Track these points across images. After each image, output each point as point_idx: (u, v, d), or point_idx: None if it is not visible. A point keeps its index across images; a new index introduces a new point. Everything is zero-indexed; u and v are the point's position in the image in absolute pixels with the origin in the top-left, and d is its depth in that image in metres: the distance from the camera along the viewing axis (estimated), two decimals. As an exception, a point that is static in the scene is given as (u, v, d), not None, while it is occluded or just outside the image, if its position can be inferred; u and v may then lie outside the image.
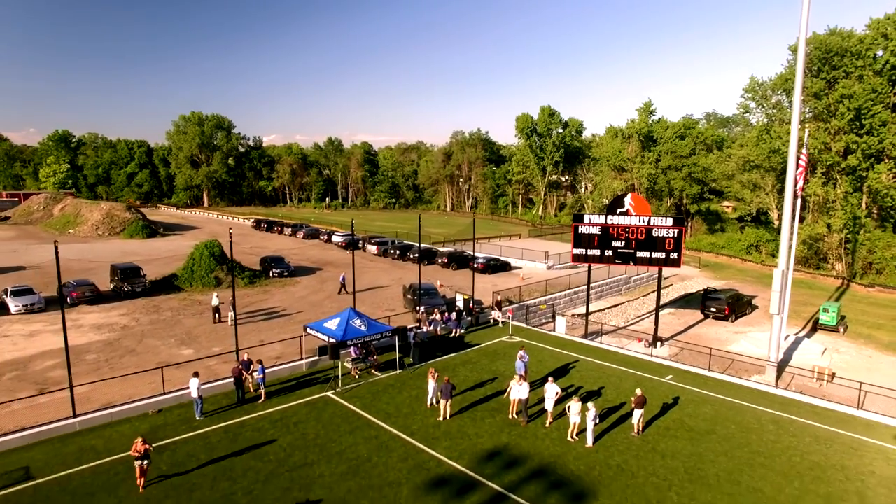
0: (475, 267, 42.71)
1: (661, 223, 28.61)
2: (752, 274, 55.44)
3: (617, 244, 29.41)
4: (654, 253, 28.76)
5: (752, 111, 61.59)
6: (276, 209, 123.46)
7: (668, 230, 28.38)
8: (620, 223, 29.21)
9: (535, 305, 35.60)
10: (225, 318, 30.63)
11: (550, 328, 32.46)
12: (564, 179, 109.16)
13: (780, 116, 56.58)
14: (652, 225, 28.65)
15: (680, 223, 28.69)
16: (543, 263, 49.96)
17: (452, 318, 29.78)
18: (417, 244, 55.89)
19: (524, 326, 32.30)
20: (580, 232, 30.00)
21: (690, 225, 78.31)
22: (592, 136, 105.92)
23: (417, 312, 30.82)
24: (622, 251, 29.38)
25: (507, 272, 48.05)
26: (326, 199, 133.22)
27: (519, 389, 19.60)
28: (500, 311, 32.29)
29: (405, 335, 25.38)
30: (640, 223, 28.87)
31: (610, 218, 29.49)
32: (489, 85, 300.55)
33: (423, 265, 48.77)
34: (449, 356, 26.60)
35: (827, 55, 49.72)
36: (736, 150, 62.38)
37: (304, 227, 71.43)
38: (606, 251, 29.63)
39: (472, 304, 32.51)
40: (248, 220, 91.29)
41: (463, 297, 32.63)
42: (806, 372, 25.89)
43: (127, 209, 74.26)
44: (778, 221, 57.52)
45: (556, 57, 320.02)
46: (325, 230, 69.89)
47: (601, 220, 29.76)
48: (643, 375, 24.55)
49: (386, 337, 24.05)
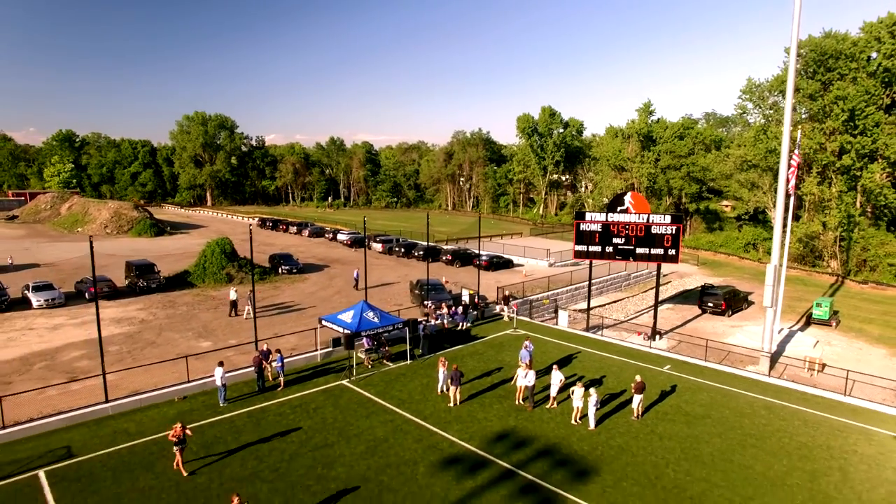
0: (479, 264, 43.87)
1: (659, 221, 29.80)
2: (749, 271, 56.62)
3: (617, 241, 30.59)
4: (652, 249, 29.94)
5: (749, 112, 62.82)
6: (278, 208, 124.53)
7: (666, 227, 29.57)
8: (620, 220, 30.40)
9: (538, 300, 36.78)
10: (241, 311, 31.80)
11: (553, 322, 33.65)
12: (565, 179, 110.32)
13: (776, 117, 57.73)
14: (651, 222, 29.83)
15: (678, 221, 29.88)
16: (545, 261, 51.14)
17: (459, 311, 30.97)
18: (420, 242, 57.29)
19: (528, 320, 33.48)
20: (582, 229, 31.19)
21: (689, 223, 79.52)
22: (593, 135, 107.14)
23: (425, 307, 32.01)
24: (622, 247, 30.56)
25: (509, 269, 49.25)
26: (329, 198, 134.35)
27: (525, 377, 20.81)
28: (507, 306, 33.33)
29: (416, 327, 26.57)
30: (639, 221, 30.05)
31: (610, 215, 30.67)
32: (489, 85, 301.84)
33: (428, 262, 50.11)
34: (456, 348, 27.79)
35: (822, 57, 50.94)
36: (734, 150, 63.58)
37: (309, 225, 72.61)
38: (607, 247, 30.81)
39: (477, 298, 33.70)
40: (252, 218, 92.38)
41: (468, 292, 33.84)
42: (798, 362, 27.08)
43: (134, 208, 75.41)
44: (783, 222, 58.71)
45: (556, 57, 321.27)
46: (329, 228, 71.05)
47: (602, 217, 30.94)
48: (643, 365, 25.72)
49: (397, 329, 25.23)
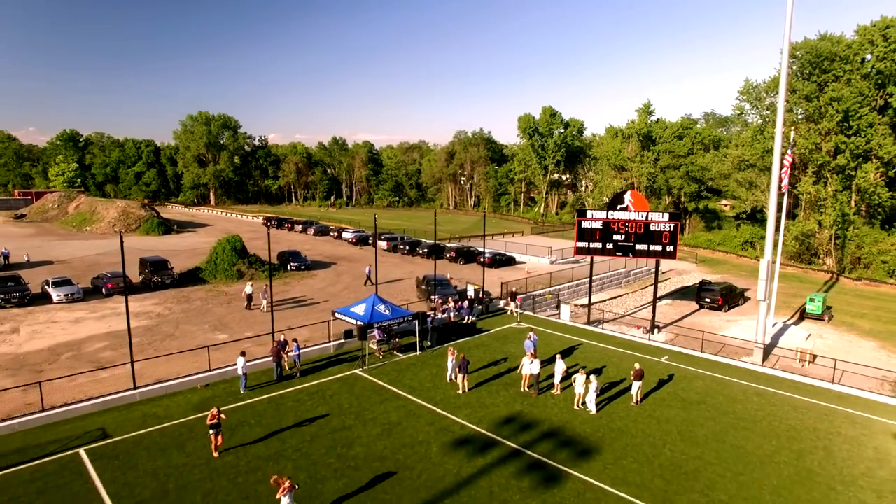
0: (483, 261, 44.99)
1: (658, 218, 30.98)
2: (746, 269, 57.79)
3: (617, 237, 31.77)
4: (651, 246, 31.12)
5: (746, 113, 64.01)
6: (281, 207, 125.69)
7: (664, 224, 30.75)
8: (621, 218, 31.58)
9: (540, 296, 37.97)
10: (258, 305, 33.02)
11: (556, 317, 34.84)
12: (565, 178, 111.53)
13: (773, 118, 58.65)
14: (649, 220, 31.02)
15: (675, 218, 31.06)
16: (547, 258, 52.34)
17: (465, 306, 32.15)
18: (424, 240, 58.52)
19: (531, 314, 34.67)
20: (584, 226, 32.38)
21: (688, 222, 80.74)
22: (593, 135, 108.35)
23: (432, 301, 33.21)
24: (622, 244, 31.75)
25: (512, 266, 50.44)
26: (331, 197, 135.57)
27: (530, 365, 22.00)
28: (514, 302, 34.14)
29: (425, 320, 27.76)
30: (638, 218, 31.24)
31: (611, 213, 31.85)
32: (490, 85, 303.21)
33: (433, 259, 51.31)
34: (463, 340, 28.97)
35: (817, 59, 52.14)
36: (732, 149, 64.81)
37: (314, 223, 73.78)
38: (608, 244, 31.99)
39: (481, 294, 34.89)
40: (257, 217, 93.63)
41: (474, 287, 35.04)
42: (790, 354, 28.28)
43: (142, 207, 76.57)
44: (778, 220, 59.85)
45: (557, 57, 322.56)
46: (334, 227, 72.22)
47: (603, 215, 32.12)
48: (641, 356, 26.85)
49: (407, 321, 26.42)
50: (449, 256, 51.96)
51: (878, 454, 17.87)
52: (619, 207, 31.78)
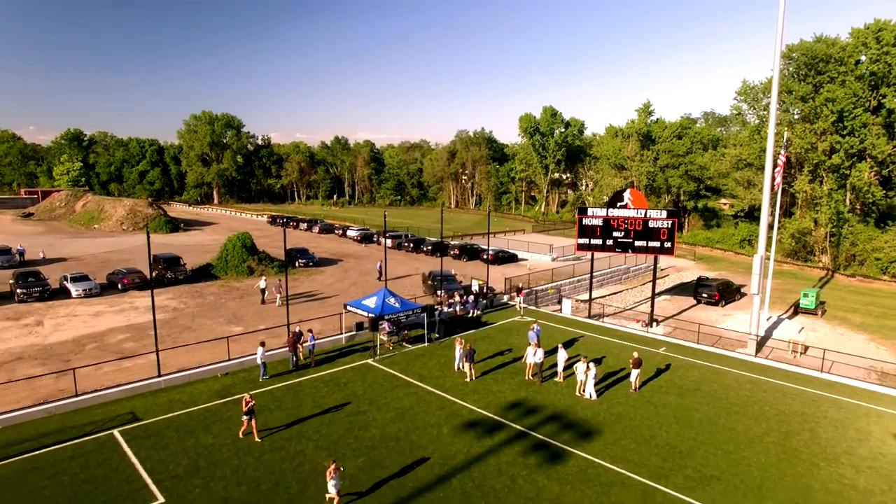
0: (487, 258, 46.26)
1: (656, 215, 32.14)
2: (744, 266, 58.88)
3: (617, 234, 32.95)
4: (650, 242, 32.29)
5: (744, 113, 65.18)
6: (284, 206, 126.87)
7: (662, 222, 31.91)
8: (620, 216, 32.75)
9: (543, 291, 39.16)
10: (272, 299, 34.25)
11: (557, 311, 36.05)
12: (566, 177, 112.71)
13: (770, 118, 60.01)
14: (648, 217, 32.18)
15: (673, 216, 32.22)
16: (548, 255, 53.54)
17: (470, 300, 33.36)
18: (428, 238, 59.77)
19: (533, 308, 35.88)
20: (585, 223, 33.56)
21: (688, 221, 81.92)
22: (593, 134, 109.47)
23: (438, 296, 34.40)
24: (622, 241, 32.91)
25: (514, 263, 51.64)
26: (334, 196, 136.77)
27: (534, 354, 23.21)
28: (520, 297, 35.18)
29: (433, 313, 28.96)
30: (637, 216, 32.40)
31: (611, 211, 33.02)
32: (489, 84, 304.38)
33: (436, 256, 52.60)
34: (468, 332, 30.14)
35: (812, 61, 53.30)
36: (730, 149, 65.97)
37: (319, 222, 74.95)
38: (608, 240, 33.16)
39: (485, 289, 36.11)
40: (261, 216, 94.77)
41: (478, 282, 36.24)
42: (783, 345, 29.46)
43: (149, 205, 77.75)
44: (771, 217, 61.05)
45: (557, 57, 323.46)
46: (339, 225, 73.40)
47: (603, 213, 33.29)
48: (640, 348, 27.93)
49: (416, 314, 27.63)
50: (452, 254, 53.15)
51: (859, 435, 19.11)
52: (618, 205, 32.94)
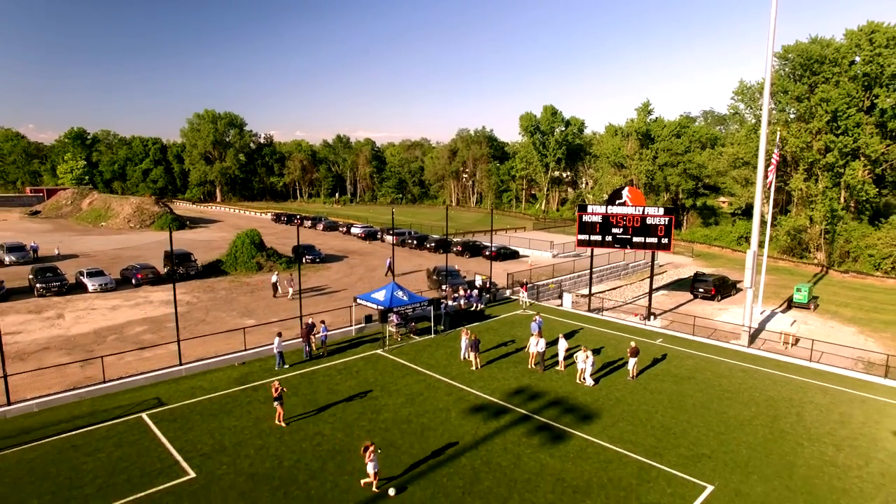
0: (488, 255, 47.44)
1: (654, 212, 33.30)
2: (741, 263, 59.79)
3: (616, 231, 34.12)
4: (647, 238, 33.46)
5: (741, 112, 66.32)
6: (287, 204, 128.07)
7: (659, 218, 33.08)
8: (619, 213, 33.90)
9: (544, 285, 40.35)
10: (284, 293, 35.45)
11: (558, 304, 37.24)
12: (566, 175, 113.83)
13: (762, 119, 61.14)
14: (646, 214, 33.34)
15: (670, 212, 33.38)
16: (549, 252, 54.73)
17: (474, 294, 34.55)
18: (431, 235, 60.98)
19: (535, 302, 37.07)
20: (585, 220, 34.73)
21: (686, 218, 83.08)
22: (593, 133, 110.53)
23: (443, 290, 35.57)
24: (620, 237, 34.08)
25: (515, 259, 52.83)
26: (336, 194, 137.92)
27: (537, 344, 24.41)
28: (525, 291, 36.27)
29: (439, 306, 30.15)
30: (635, 212, 33.56)
31: (610, 208, 34.18)
32: (489, 83, 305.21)
33: (440, 253, 53.90)
34: (473, 325, 31.34)
35: (808, 62, 54.45)
36: (728, 148, 67.09)
37: (323, 219, 76.10)
38: (607, 237, 34.33)
39: (488, 283, 37.31)
40: (265, 213, 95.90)
41: (481, 277, 37.45)
42: (775, 337, 30.66)
43: (155, 203, 78.85)
44: (769, 215, 62.19)
45: (557, 55, 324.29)
46: (342, 223, 74.55)
47: (602, 209, 34.46)
48: (638, 339, 29.24)
49: (423, 307, 28.81)
50: (455, 250, 54.32)
51: (842, 418, 20.32)
52: (617, 202, 34.09)
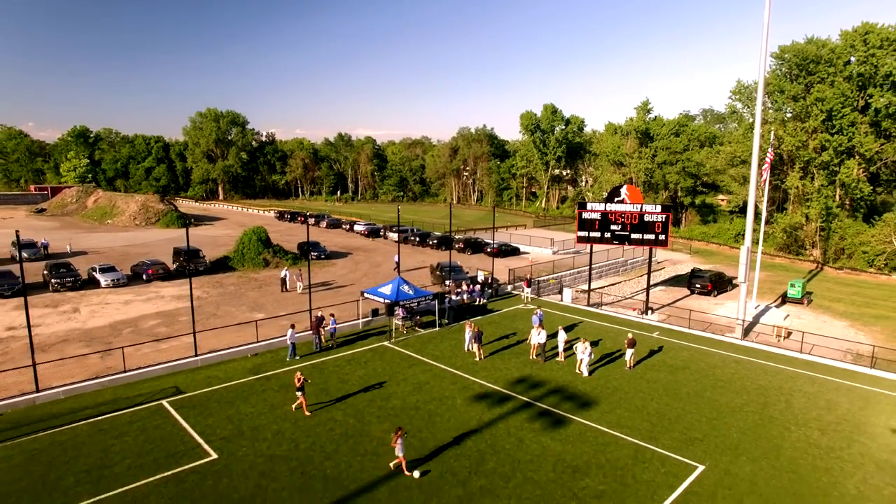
0: (490, 251, 48.42)
1: (651, 210, 34.27)
2: (737, 259, 60.87)
3: (614, 227, 35.11)
4: (645, 235, 34.43)
5: (739, 111, 67.24)
6: (288, 202, 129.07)
7: (656, 215, 34.05)
8: (617, 210, 34.89)
9: (545, 281, 41.36)
10: (293, 288, 36.49)
11: (558, 299, 38.25)
12: (566, 173, 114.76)
13: (763, 117, 62.12)
14: (643, 211, 34.32)
15: (667, 210, 34.35)
16: (549, 249, 55.73)
17: (477, 289, 35.55)
18: (434, 232, 61.97)
19: (536, 297, 38.08)
20: (584, 217, 35.72)
21: (685, 216, 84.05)
22: (593, 131, 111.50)
23: (446, 285, 36.57)
24: (619, 233, 35.08)
25: (516, 256, 53.86)
26: (337, 192, 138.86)
27: (538, 335, 25.43)
28: (529, 286, 37.24)
29: (443, 300, 31.15)
30: (633, 210, 34.54)
31: (609, 205, 35.16)
32: (489, 80, 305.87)
33: (442, 250, 54.93)
34: (476, 318, 32.26)
35: (804, 62, 55.39)
36: (725, 146, 68.04)
37: (326, 217, 77.10)
38: (606, 233, 35.33)
39: (490, 279, 38.31)
40: (268, 211, 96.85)
41: (483, 273, 38.44)
42: (768, 330, 31.68)
43: (160, 201, 79.80)
44: (766, 213, 63.19)
45: (557, 53, 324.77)
46: (346, 220, 75.53)
47: (601, 207, 35.44)
48: (636, 332, 30.18)
49: (427, 301, 29.81)
50: (457, 247, 55.36)
51: (828, 405, 21.35)
52: (616, 200, 35.07)
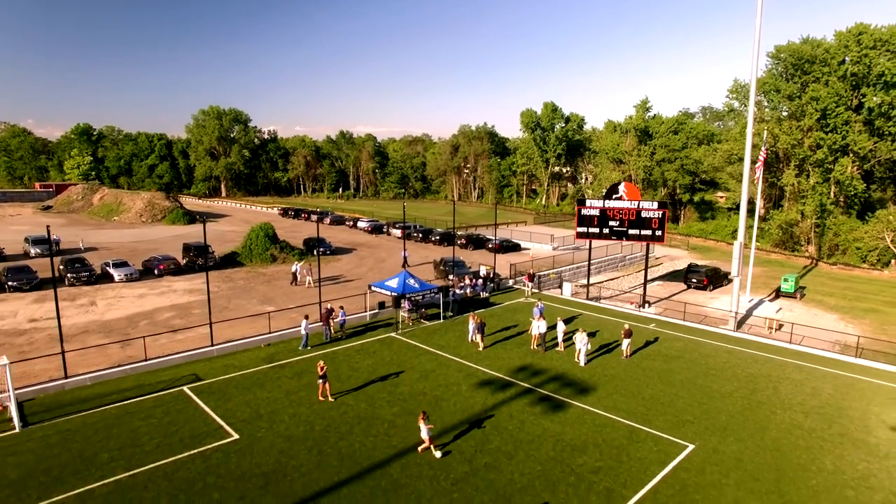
0: (492, 247, 49.61)
1: (648, 206, 35.40)
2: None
3: (613, 224, 36.23)
4: (642, 231, 35.57)
5: (736, 110, 68.30)
6: (291, 199, 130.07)
7: (653, 212, 35.18)
8: (615, 206, 36.01)
9: (545, 275, 42.52)
10: (302, 282, 37.71)
11: (558, 293, 39.42)
12: (566, 171, 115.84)
13: (759, 115, 63.16)
14: (641, 208, 35.44)
15: (663, 207, 35.48)
16: (549, 245, 56.86)
17: (479, 283, 36.72)
18: (436, 228, 63.11)
19: (536, 291, 39.25)
20: (583, 213, 36.84)
21: (683, 213, 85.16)
22: (592, 129, 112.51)
23: (450, 279, 37.73)
24: (617, 229, 36.20)
25: (517, 252, 54.99)
26: (339, 189, 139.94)
27: (538, 326, 26.60)
28: (532, 282, 38.34)
29: (447, 293, 32.32)
30: (631, 206, 35.66)
31: (607, 202, 36.29)
32: (489, 78, 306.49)
33: (444, 245, 56.06)
34: (478, 311, 33.36)
35: (799, 62, 56.46)
36: (722, 144, 69.14)
37: (329, 214, 78.22)
38: (604, 229, 36.45)
39: (492, 274, 39.49)
40: (272, 208, 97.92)
41: (486, 267, 39.61)
42: (760, 322, 32.83)
43: (166, 198, 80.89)
44: (763, 210, 64.37)
45: (557, 51, 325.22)
46: (349, 217, 76.65)
47: (600, 204, 36.57)
48: (632, 323, 31.37)
49: (432, 294, 30.98)
50: (459, 243, 56.46)
51: (814, 391, 22.54)
52: (614, 197, 36.19)
